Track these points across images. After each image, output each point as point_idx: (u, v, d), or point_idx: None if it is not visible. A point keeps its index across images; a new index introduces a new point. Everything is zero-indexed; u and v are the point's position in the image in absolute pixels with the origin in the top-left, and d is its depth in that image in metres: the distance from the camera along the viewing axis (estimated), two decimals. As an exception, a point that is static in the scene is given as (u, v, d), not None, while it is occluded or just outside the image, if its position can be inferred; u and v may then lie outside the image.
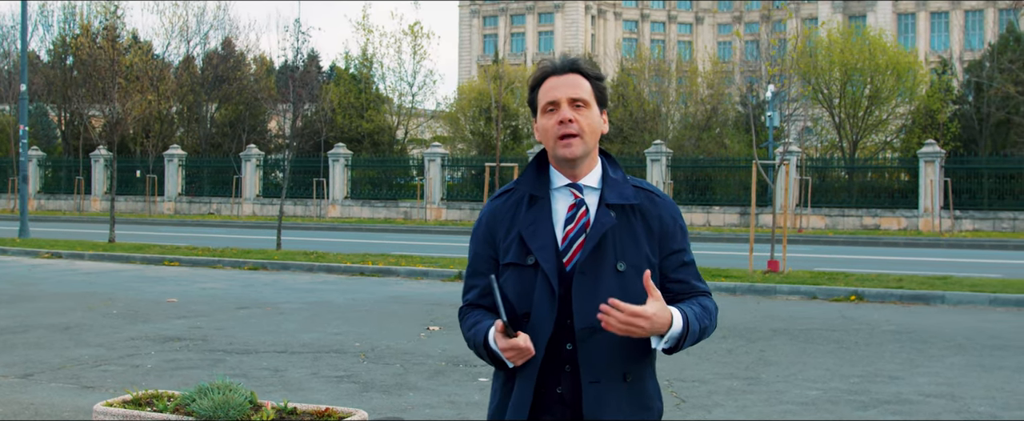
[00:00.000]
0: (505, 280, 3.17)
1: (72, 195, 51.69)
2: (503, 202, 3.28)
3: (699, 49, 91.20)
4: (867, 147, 47.89)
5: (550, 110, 3.19)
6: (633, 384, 3.19)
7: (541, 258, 3.12)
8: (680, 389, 9.31)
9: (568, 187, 3.22)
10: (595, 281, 3.11)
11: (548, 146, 3.21)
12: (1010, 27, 46.66)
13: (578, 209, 3.19)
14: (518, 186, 3.27)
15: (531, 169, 3.28)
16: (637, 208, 3.21)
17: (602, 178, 3.24)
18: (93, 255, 23.61)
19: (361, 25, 56.98)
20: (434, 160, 44.51)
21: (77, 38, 53.08)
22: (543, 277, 3.11)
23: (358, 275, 20.38)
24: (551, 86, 3.20)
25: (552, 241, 3.15)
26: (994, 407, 8.68)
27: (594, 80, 3.24)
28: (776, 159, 28.37)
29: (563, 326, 3.12)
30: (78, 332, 12.43)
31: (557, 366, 3.13)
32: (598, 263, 3.12)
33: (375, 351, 11.20)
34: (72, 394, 9.00)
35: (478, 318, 3.24)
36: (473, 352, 3.27)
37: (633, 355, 3.17)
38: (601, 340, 3.11)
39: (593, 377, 3.11)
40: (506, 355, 3.04)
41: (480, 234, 3.30)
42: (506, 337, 3.03)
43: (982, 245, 31.19)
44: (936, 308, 15.50)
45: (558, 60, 3.26)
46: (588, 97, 3.19)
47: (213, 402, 5.70)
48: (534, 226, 3.17)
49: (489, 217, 3.29)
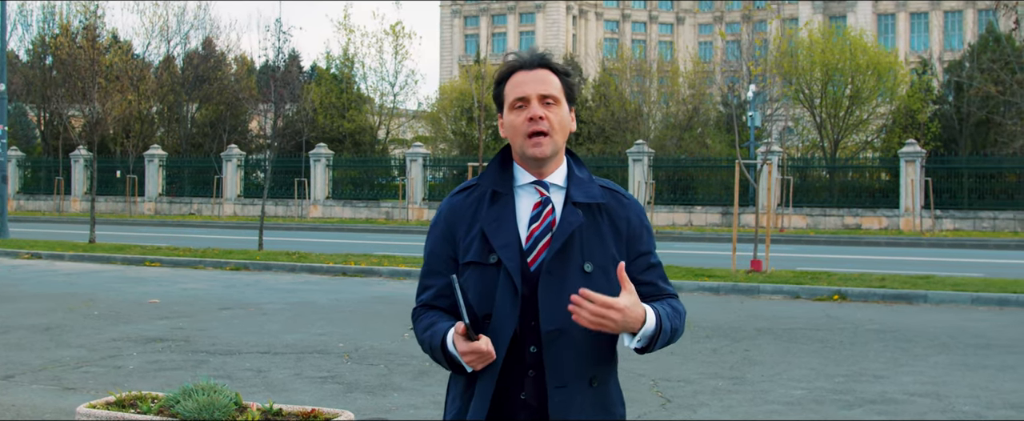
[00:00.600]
0: (465, 280, 3.04)
1: (52, 196, 51.42)
2: (464, 198, 3.16)
3: (680, 49, 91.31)
4: (848, 147, 48.04)
5: (519, 106, 3.08)
6: (599, 388, 3.09)
7: (504, 256, 3.00)
8: (665, 389, 9.29)
9: (533, 185, 3.11)
10: (562, 282, 3.00)
11: (515, 143, 3.10)
12: (990, 27, 46.84)
13: (544, 207, 3.09)
14: (480, 182, 3.15)
15: (494, 165, 3.16)
16: (604, 208, 3.12)
17: (568, 176, 3.14)
18: (73, 256, 23.47)
19: (342, 25, 56.93)
20: (416, 160, 44.43)
21: (56, 38, 52.79)
22: (506, 276, 2.99)
23: (340, 275, 20.32)
24: (520, 81, 3.10)
25: (516, 239, 3.04)
26: (979, 406, 8.69)
27: (563, 76, 3.15)
28: (758, 159, 28.42)
29: (528, 328, 3.00)
30: (59, 333, 12.34)
31: (521, 370, 3.02)
32: (565, 263, 3.02)
33: (359, 352, 11.15)
34: (54, 395, 8.93)
35: (433, 319, 3.10)
36: (427, 354, 3.13)
37: (599, 359, 3.08)
38: (568, 343, 3.00)
39: (559, 381, 2.99)
40: (466, 359, 2.92)
41: (438, 231, 3.17)
42: (467, 340, 2.90)
43: (963, 244, 31.30)
44: (919, 307, 15.54)
45: (527, 54, 3.15)
46: (558, 94, 3.10)
47: (198, 404, 5.66)
48: (497, 223, 3.05)
49: (448, 213, 3.16)
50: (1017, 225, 36.08)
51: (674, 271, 19.15)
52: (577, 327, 2.96)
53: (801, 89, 47.42)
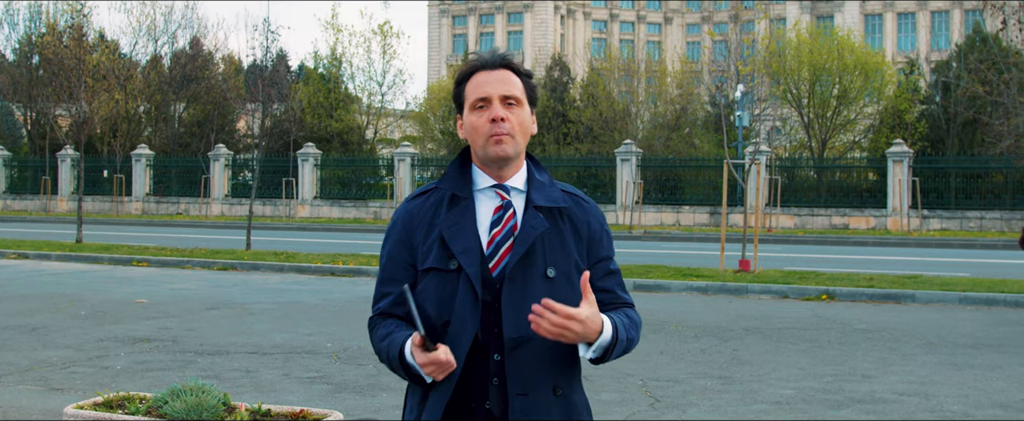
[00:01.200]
0: (425, 286, 2.98)
1: (38, 195, 51.26)
2: (421, 202, 3.07)
3: (668, 49, 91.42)
4: (836, 147, 48.13)
5: (480, 107, 3.01)
6: (563, 397, 3.01)
7: (465, 262, 2.93)
8: (654, 389, 9.29)
9: (494, 188, 3.04)
10: (525, 288, 2.93)
11: (476, 144, 3.03)
12: (976, 27, 46.96)
13: (505, 211, 3.02)
14: (439, 185, 3.08)
15: (453, 168, 3.09)
16: (565, 211, 3.05)
17: (528, 180, 3.08)
18: (60, 256, 23.39)
19: (330, 24, 56.82)
20: (404, 160, 44.40)
21: (43, 37, 52.59)
22: (466, 282, 2.92)
23: (329, 275, 20.29)
24: (481, 81, 3.03)
25: (476, 244, 2.97)
26: (967, 405, 8.71)
27: (525, 77, 3.09)
28: (746, 159, 28.43)
29: (490, 336, 2.94)
30: (46, 333, 12.29)
31: (485, 379, 2.95)
32: (528, 269, 2.95)
33: (347, 352, 11.13)
34: (41, 396, 8.89)
35: (390, 329, 3.04)
36: (384, 364, 3.05)
37: (563, 367, 3.01)
38: (531, 350, 2.93)
39: (521, 389, 2.92)
40: (426, 370, 2.84)
41: (395, 237, 3.08)
42: (425, 351, 2.82)
43: (950, 244, 31.39)
44: (907, 307, 15.57)
45: (488, 54, 3.08)
46: (520, 95, 3.04)
47: (186, 404, 5.64)
48: (457, 228, 2.98)
49: (405, 218, 3.07)
50: (1004, 225, 36.20)
51: (662, 271, 19.17)
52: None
53: (789, 89, 47.50)
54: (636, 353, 11.02)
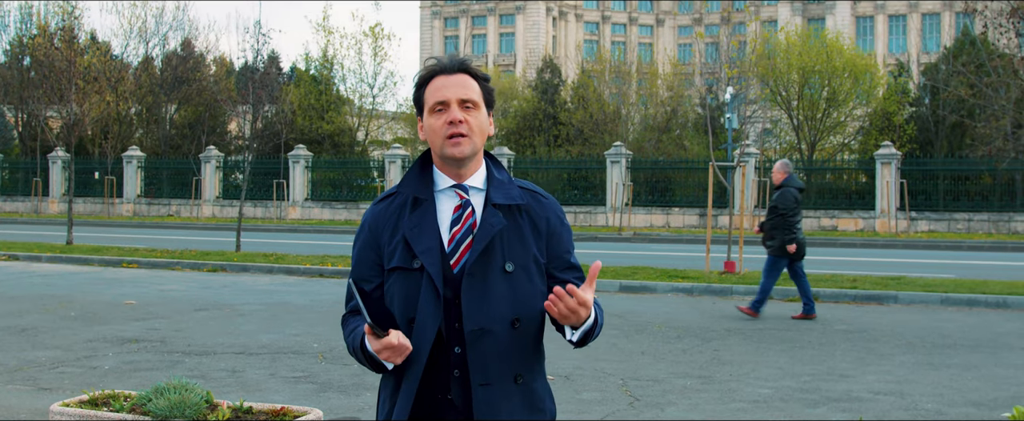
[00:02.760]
0: (391, 285, 3.12)
1: (29, 197, 51.28)
2: (386, 206, 3.21)
3: (659, 51, 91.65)
4: (825, 149, 48.33)
5: (439, 110, 3.14)
6: (524, 386, 3.14)
7: (426, 261, 3.06)
8: (634, 388, 9.43)
9: (453, 188, 3.17)
10: (484, 283, 3.06)
11: (435, 146, 3.16)
12: (965, 30, 47.19)
13: (464, 210, 3.15)
14: (401, 189, 3.21)
15: (414, 171, 3.23)
16: (523, 208, 3.18)
17: (487, 179, 3.20)
18: (50, 257, 23.48)
19: (321, 26, 56.85)
20: (395, 161, 44.51)
21: (34, 39, 52.61)
22: (428, 280, 3.05)
23: (318, 277, 20.40)
24: (440, 85, 3.15)
25: (437, 243, 3.10)
26: (941, 404, 8.86)
27: (483, 81, 3.21)
28: (734, 161, 28.58)
29: (452, 330, 3.07)
30: (35, 334, 12.41)
31: (446, 371, 3.09)
32: (486, 265, 3.08)
33: (333, 352, 11.26)
34: (29, 396, 9.01)
35: (356, 324, 3.17)
36: (355, 358, 3.19)
37: (524, 357, 3.14)
38: (491, 342, 3.06)
39: (483, 379, 3.05)
40: (382, 356, 2.97)
41: (363, 239, 3.23)
42: (376, 338, 2.95)
43: (937, 246, 31.57)
44: (889, 308, 15.73)
45: (446, 59, 3.20)
46: (477, 98, 3.16)
47: (169, 402, 5.76)
48: (419, 229, 3.11)
49: (372, 221, 3.22)
50: (991, 226, 36.42)
51: (648, 272, 19.31)
52: (500, 327, 3.06)
53: (778, 91, 47.69)
54: (618, 353, 11.19)
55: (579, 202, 41.78)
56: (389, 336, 2.94)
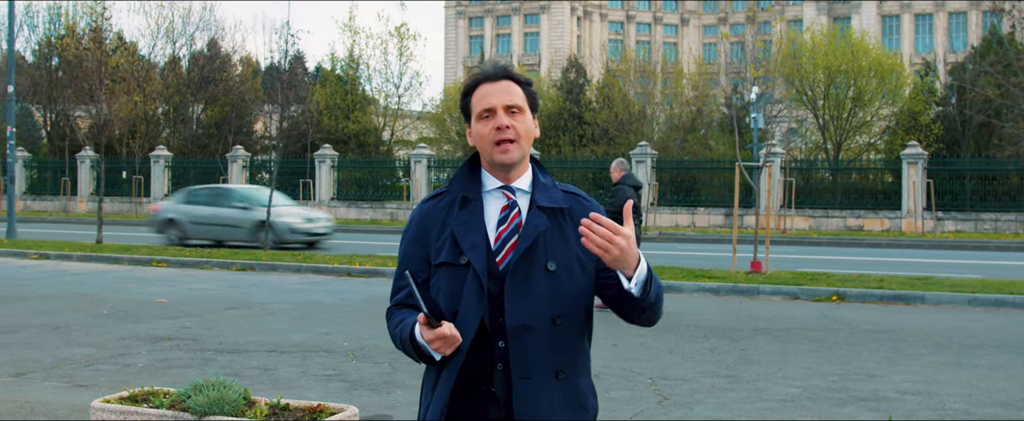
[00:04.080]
0: (437, 280, 3.24)
1: (58, 196, 51.66)
2: (435, 204, 3.33)
3: (684, 51, 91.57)
4: (851, 149, 48.19)
5: (486, 116, 3.26)
6: (566, 382, 3.24)
7: (472, 257, 3.18)
8: (662, 387, 9.50)
9: (500, 189, 3.29)
10: (526, 281, 3.18)
11: (484, 151, 3.29)
12: (992, 29, 46.95)
13: (510, 210, 3.27)
14: (450, 188, 3.33)
15: (463, 172, 3.35)
16: (566, 211, 3.29)
17: (532, 182, 3.32)
18: (81, 256, 23.71)
19: (347, 26, 57.05)
20: (420, 161, 44.65)
21: (62, 39, 53.04)
22: (473, 275, 3.17)
23: (345, 276, 20.54)
24: (486, 93, 3.28)
25: (484, 240, 3.22)
26: (969, 404, 8.90)
27: (526, 86, 3.33)
28: (760, 161, 28.56)
29: (496, 325, 3.18)
30: (69, 332, 12.57)
31: (490, 364, 3.19)
32: (530, 263, 3.19)
33: (364, 350, 11.37)
34: (66, 393, 9.15)
35: (404, 316, 3.31)
36: (401, 351, 3.33)
37: (566, 353, 3.24)
38: (532, 338, 3.17)
39: (524, 373, 3.16)
40: (433, 346, 3.09)
41: (411, 235, 3.35)
42: (430, 328, 3.07)
43: (964, 246, 31.48)
44: (916, 308, 15.73)
45: (490, 67, 3.33)
46: (522, 103, 3.29)
47: (208, 398, 5.87)
48: (466, 226, 3.24)
49: (421, 218, 3.34)
50: (1019, 227, 36.26)
51: (675, 272, 19.35)
52: (541, 323, 3.17)
53: (804, 91, 47.59)
54: (646, 352, 11.26)
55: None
56: (442, 327, 3.06)
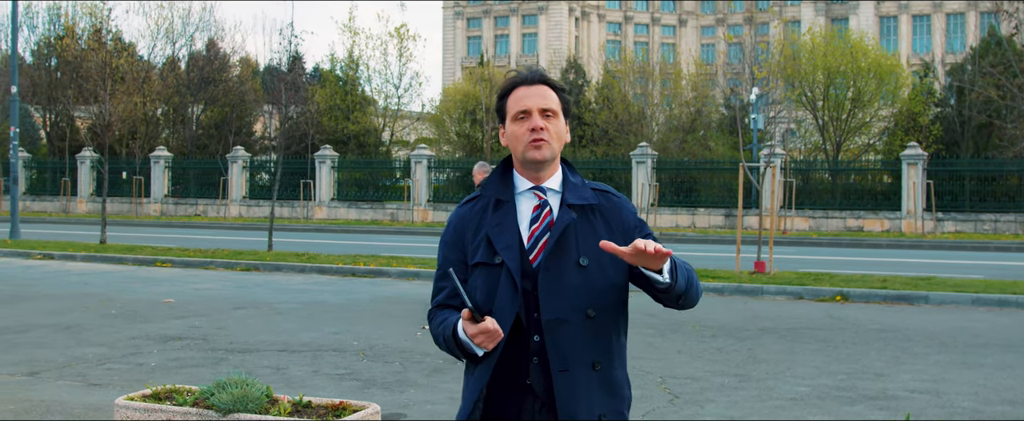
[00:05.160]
0: (474, 279, 3.37)
1: (58, 197, 51.71)
2: (470, 208, 3.49)
3: (683, 51, 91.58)
4: (850, 149, 48.26)
5: (521, 118, 3.40)
6: (602, 372, 3.35)
7: (506, 257, 3.31)
8: (673, 386, 9.57)
9: (532, 190, 3.43)
10: (559, 275, 3.30)
11: (517, 150, 3.42)
12: (991, 30, 47.03)
13: (542, 209, 3.40)
14: (484, 192, 3.48)
15: (495, 175, 3.49)
16: (597, 208, 3.42)
17: (563, 182, 3.45)
18: (85, 256, 23.76)
19: (347, 27, 57.11)
20: (421, 162, 44.72)
21: (62, 39, 53.07)
22: (507, 273, 3.30)
23: (350, 276, 20.60)
24: (522, 95, 3.42)
25: (517, 240, 3.35)
26: (977, 402, 8.97)
27: (560, 92, 3.47)
28: (761, 162, 28.65)
29: (531, 320, 3.30)
30: (79, 332, 12.63)
31: (525, 358, 3.32)
32: (561, 259, 3.31)
33: (373, 349, 11.44)
34: (80, 392, 9.21)
35: (446, 315, 3.41)
36: (444, 350, 3.42)
37: (600, 344, 3.36)
38: (567, 331, 3.29)
39: (562, 366, 3.28)
40: (476, 340, 3.18)
41: (448, 239, 3.51)
42: (473, 323, 3.17)
43: (964, 246, 31.57)
44: (920, 308, 15.82)
45: (527, 71, 3.47)
46: (556, 108, 3.42)
47: (232, 396, 5.94)
48: (500, 227, 3.37)
49: (457, 222, 3.50)
50: (1018, 227, 36.36)
51: (679, 272, 19.36)
52: (575, 316, 3.30)
53: (803, 92, 47.67)
54: (655, 352, 11.33)
55: (604, 202, 41.78)
56: (485, 321, 3.17)
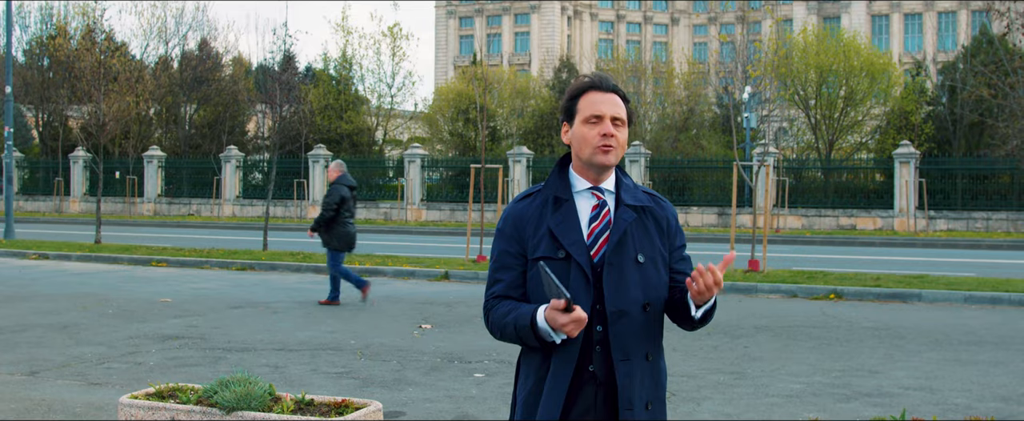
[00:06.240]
0: (535, 273, 3.52)
1: (51, 196, 51.69)
2: (528, 203, 3.64)
3: (675, 50, 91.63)
4: (843, 148, 48.44)
5: (593, 122, 3.56)
6: (653, 363, 3.58)
7: (574, 251, 3.48)
8: (669, 383, 9.64)
9: (590, 190, 3.60)
10: (620, 270, 3.50)
11: (584, 152, 3.57)
12: (983, 29, 47.22)
13: (601, 209, 3.58)
14: (544, 189, 3.64)
15: (554, 175, 3.66)
16: (648, 210, 3.62)
17: (617, 183, 3.65)
18: (80, 256, 23.78)
19: (341, 27, 57.24)
20: (414, 161, 44.75)
21: (54, 39, 53.00)
22: (577, 267, 3.47)
23: (345, 275, 20.61)
24: (597, 100, 3.58)
25: (581, 237, 3.52)
26: (970, 399, 9.06)
27: (627, 103, 3.65)
28: (754, 160, 28.73)
29: (594, 310, 3.47)
30: (77, 331, 12.68)
31: (589, 346, 3.49)
32: (622, 255, 3.51)
33: (371, 348, 11.50)
34: (81, 391, 9.26)
35: (513, 306, 3.54)
36: (505, 339, 3.57)
37: (652, 337, 3.57)
38: (628, 323, 3.49)
39: (623, 356, 3.48)
40: (566, 329, 3.30)
41: (507, 233, 3.63)
42: (566, 312, 3.28)
43: (956, 244, 31.69)
44: (913, 306, 15.91)
45: (599, 78, 3.64)
46: (624, 117, 3.61)
47: (235, 394, 6.01)
48: (564, 224, 3.53)
49: (516, 217, 3.63)
50: (1010, 225, 36.52)
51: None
52: (635, 309, 3.50)
53: (796, 91, 47.79)
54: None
55: (597, 201, 41.86)
56: (576, 310, 3.30)
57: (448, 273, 20.03)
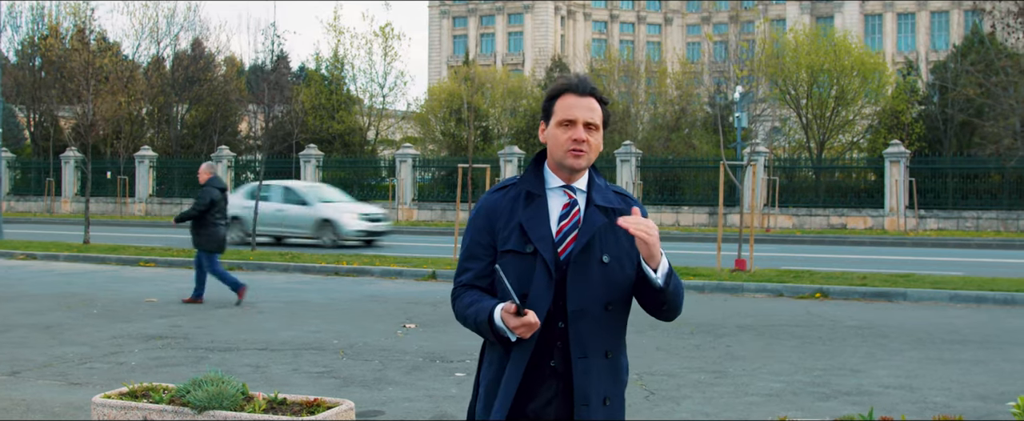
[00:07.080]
0: (504, 264, 3.56)
1: (42, 197, 51.60)
2: (502, 196, 3.70)
3: (668, 50, 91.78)
4: (834, 147, 48.47)
5: (566, 125, 3.62)
6: (612, 360, 3.63)
7: (541, 247, 3.55)
8: (649, 382, 9.66)
9: (562, 188, 3.67)
10: (585, 270, 3.55)
11: (556, 153, 3.64)
12: (974, 28, 47.30)
13: (571, 208, 3.64)
14: (518, 183, 3.71)
15: (530, 170, 3.73)
16: (618, 211, 3.65)
17: (589, 183, 3.69)
18: (69, 256, 23.75)
19: (332, 27, 57.14)
20: (405, 161, 44.74)
21: (45, 39, 52.92)
22: (542, 263, 3.54)
23: (333, 275, 20.65)
24: (571, 104, 3.64)
25: (549, 233, 3.58)
26: (950, 397, 9.08)
27: (604, 105, 3.69)
28: (744, 160, 28.77)
29: (557, 307, 3.55)
30: (60, 331, 12.66)
31: (551, 342, 3.56)
32: (588, 255, 3.56)
33: (354, 348, 11.50)
34: (61, 391, 9.25)
35: (476, 297, 3.63)
36: (469, 328, 3.65)
37: (613, 335, 3.64)
38: (589, 321, 3.56)
39: (581, 353, 3.55)
40: (518, 332, 3.39)
41: (479, 223, 3.70)
42: (517, 316, 3.37)
43: (946, 243, 31.74)
44: (898, 305, 15.94)
45: (578, 80, 3.69)
46: (599, 121, 3.66)
47: (208, 393, 6.01)
48: (534, 220, 3.60)
49: (488, 208, 3.70)
50: (1000, 225, 36.58)
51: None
52: (596, 308, 3.58)
53: (787, 90, 47.83)
54: (632, 349, 11.35)
55: (589, 201, 41.88)
56: (528, 315, 3.38)
57: (435, 273, 20.03)
